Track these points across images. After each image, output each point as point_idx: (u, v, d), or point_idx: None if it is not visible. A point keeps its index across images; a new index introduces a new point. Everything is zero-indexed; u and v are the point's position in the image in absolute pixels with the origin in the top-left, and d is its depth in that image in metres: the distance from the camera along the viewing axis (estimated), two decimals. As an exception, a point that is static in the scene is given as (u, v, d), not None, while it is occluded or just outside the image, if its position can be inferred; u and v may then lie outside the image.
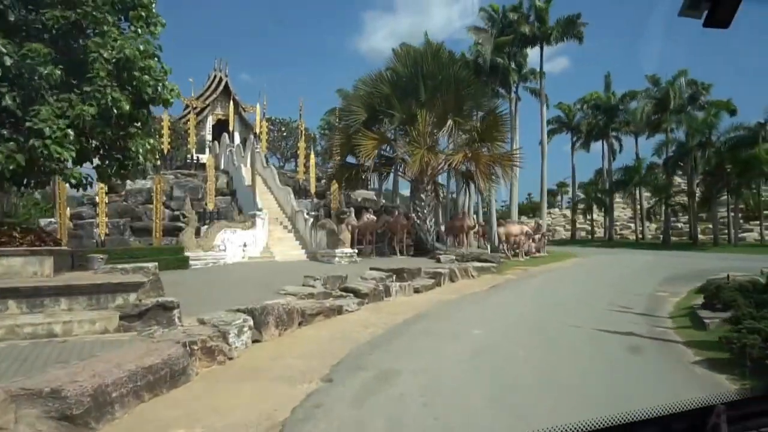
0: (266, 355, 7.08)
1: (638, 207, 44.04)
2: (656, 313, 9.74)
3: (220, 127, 34.22)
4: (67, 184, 10.15)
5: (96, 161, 9.47)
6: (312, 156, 24.81)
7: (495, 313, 10.03)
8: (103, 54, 7.82)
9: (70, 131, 7.30)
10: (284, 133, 35.37)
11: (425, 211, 22.64)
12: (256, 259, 19.23)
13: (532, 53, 32.66)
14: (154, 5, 9.09)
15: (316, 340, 7.93)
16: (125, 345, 6.11)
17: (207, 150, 30.65)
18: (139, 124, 9.29)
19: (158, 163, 20.71)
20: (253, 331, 7.81)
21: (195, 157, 29.98)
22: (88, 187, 9.91)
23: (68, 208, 19.39)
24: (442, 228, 26.58)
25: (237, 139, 33.18)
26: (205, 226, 19.89)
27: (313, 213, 22.08)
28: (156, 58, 9.04)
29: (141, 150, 8.84)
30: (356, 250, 19.45)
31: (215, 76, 35.66)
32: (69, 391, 4.47)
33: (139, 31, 8.90)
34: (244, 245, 19.26)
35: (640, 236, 43.68)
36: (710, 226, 40.54)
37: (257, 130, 30.95)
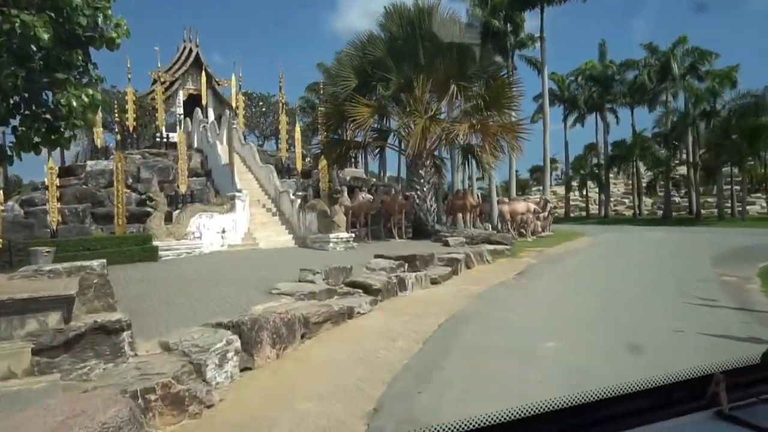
0: (262, 396, 4.79)
1: (635, 182, 42.38)
2: (755, 307, 7.70)
3: (193, 102, 31.21)
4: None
5: (16, 123, 6.95)
6: (297, 128, 22.21)
7: (551, 313, 7.86)
8: (3, -45, 5.27)
9: (-53, 66, 4.79)
10: (263, 109, 32.49)
11: (425, 189, 20.37)
12: (238, 248, 16.78)
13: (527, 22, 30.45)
14: None
15: (330, 365, 5.66)
16: (33, 401, 3.75)
17: (179, 127, 27.75)
18: (76, 73, 6.78)
19: (118, 137, 18.00)
20: (242, 355, 5.52)
21: (165, 136, 27.07)
22: (14, 160, 7.39)
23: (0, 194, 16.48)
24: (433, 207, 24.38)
25: (211, 116, 30.32)
26: (177, 211, 17.33)
27: (300, 193, 19.63)
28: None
29: (75, 104, 6.32)
30: (353, 234, 17.13)
31: (184, 48, 32.47)
32: None
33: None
34: (223, 231, 16.78)
35: (637, 212, 42.20)
36: (709, 200, 39.25)
37: (233, 104, 28.15)
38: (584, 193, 48.79)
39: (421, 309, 8.44)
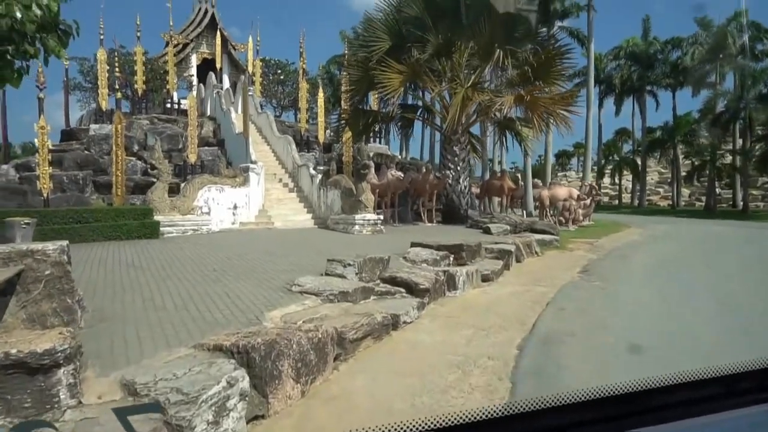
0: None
1: (675, 170, 39.57)
2: None
3: (206, 67, 29.28)
4: None
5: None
6: (321, 95, 20.12)
7: (675, 336, 5.82)
8: None
9: None
10: (281, 77, 30.41)
11: (458, 169, 18.28)
12: (250, 226, 14.95)
13: None
14: None
15: (383, 416, 3.74)
16: None
17: (190, 92, 25.87)
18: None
19: (118, 95, 16.14)
20: (251, 397, 3.64)
21: (176, 101, 25.21)
22: None
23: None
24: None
25: (226, 82, 28.39)
26: (184, 183, 15.51)
27: (321, 168, 17.66)
28: None
29: (19, 15, 4.40)
30: (381, 217, 15.17)
31: (200, 8, 30.45)
32: None
33: None
34: (235, 207, 14.94)
35: (672, 203, 39.60)
36: (753, 192, 36.59)
37: (249, 70, 26.10)
38: (615, 180, 46.18)
39: (483, 318, 6.49)
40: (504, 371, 4.68)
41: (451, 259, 9.61)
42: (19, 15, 4.37)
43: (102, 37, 21.55)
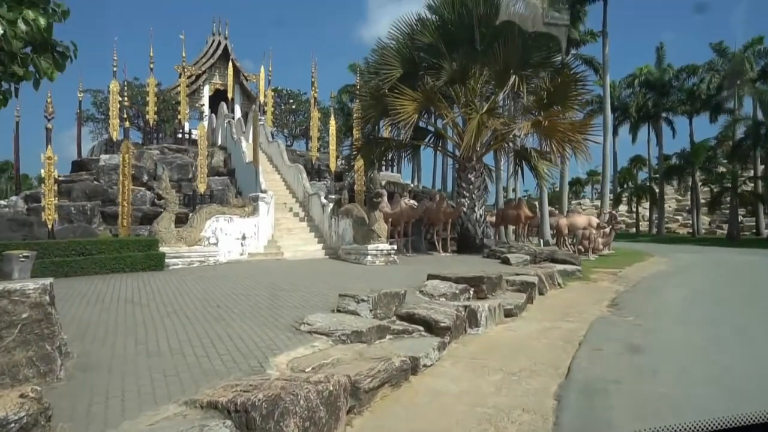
0: None
1: (695, 197, 38.64)
2: None
3: (219, 98, 29.37)
4: None
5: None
6: (333, 122, 19.85)
7: (742, 388, 5.13)
8: None
9: None
10: (292, 106, 30.40)
11: (473, 196, 17.74)
12: (259, 257, 14.45)
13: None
14: None
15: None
16: None
17: (201, 121, 25.86)
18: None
19: (127, 124, 15.94)
20: (248, 466, 3.05)
21: (188, 131, 25.16)
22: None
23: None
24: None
25: (238, 112, 28.38)
26: (193, 213, 15.12)
27: (332, 197, 17.21)
28: None
29: (2, 30, 4.02)
30: (395, 246, 14.61)
31: (213, 41, 30.78)
32: None
33: None
34: (243, 238, 14.48)
35: (692, 231, 38.50)
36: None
37: (261, 99, 26.06)
38: (632, 208, 45.30)
39: (510, 360, 5.85)
40: (543, 428, 4.05)
41: (471, 292, 8.99)
42: (1, 30, 3.99)
43: (115, 68, 21.68)
